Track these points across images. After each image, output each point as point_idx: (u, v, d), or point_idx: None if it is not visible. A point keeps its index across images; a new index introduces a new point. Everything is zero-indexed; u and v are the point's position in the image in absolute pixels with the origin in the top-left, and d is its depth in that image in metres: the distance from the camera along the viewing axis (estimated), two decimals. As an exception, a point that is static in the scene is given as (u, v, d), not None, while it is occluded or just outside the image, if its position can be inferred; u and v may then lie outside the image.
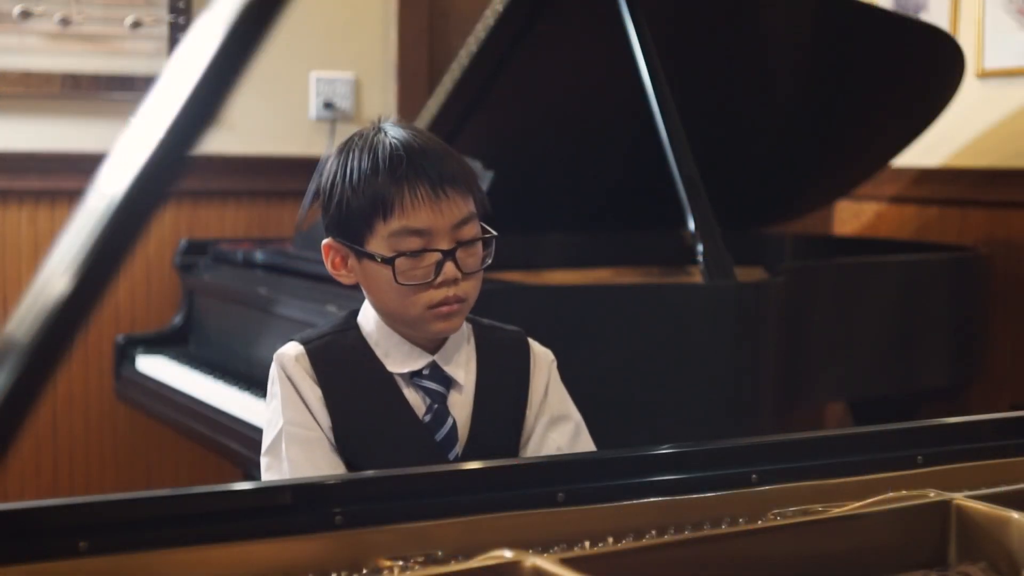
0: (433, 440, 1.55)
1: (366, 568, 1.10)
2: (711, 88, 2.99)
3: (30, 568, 0.99)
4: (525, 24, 2.73)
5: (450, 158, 1.54)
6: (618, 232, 3.20)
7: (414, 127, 1.59)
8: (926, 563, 1.25)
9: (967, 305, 3.09)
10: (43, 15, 3.44)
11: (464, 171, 1.55)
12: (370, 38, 3.84)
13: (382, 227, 1.51)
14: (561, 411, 1.65)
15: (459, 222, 1.52)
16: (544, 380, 1.64)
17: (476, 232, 1.55)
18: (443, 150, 1.55)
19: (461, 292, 1.52)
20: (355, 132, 1.60)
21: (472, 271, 1.54)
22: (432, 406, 1.56)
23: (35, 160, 3.47)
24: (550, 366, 1.66)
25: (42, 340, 0.75)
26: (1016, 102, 3.41)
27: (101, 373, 3.55)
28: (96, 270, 0.76)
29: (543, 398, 1.63)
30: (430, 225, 1.50)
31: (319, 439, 1.53)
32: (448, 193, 1.51)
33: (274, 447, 1.55)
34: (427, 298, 1.51)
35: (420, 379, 1.57)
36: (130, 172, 0.77)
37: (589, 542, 1.18)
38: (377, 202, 1.50)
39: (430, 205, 1.50)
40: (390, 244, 1.51)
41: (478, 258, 1.55)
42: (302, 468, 1.52)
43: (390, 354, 1.57)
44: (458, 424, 1.57)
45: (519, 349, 1.65)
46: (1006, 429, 1.46)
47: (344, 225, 1.55)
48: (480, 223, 1.56)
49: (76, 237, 0.76)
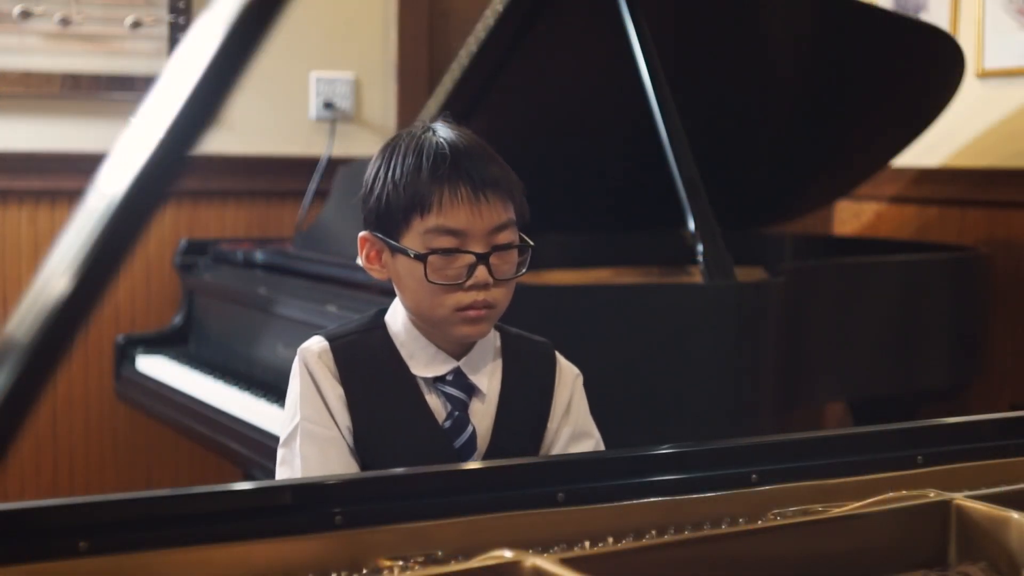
0: (452, 447, 1.54)
1: (366, 568, 1.10)
2: (711, 88, 2.98)
3: (30, 568, 0.99)
4: (525, 24, 2.73)
5: (495, 163, 1.54)
6: (618, 232, 3.20)
7: (464, 129, 1.57)
8: (926, 563, 1.25)
9: (967, 305, 3.09)
10: (43, 15, 3.44)
11: (507, 177, 1.54)
12: (370, 38, 3.84)
13: (419, 223, 1.50)
14: (584, 428, 1.64)
15: (496, 227, 1.51)
16: (567, 394, 1.63)
17: (513, 239, 1.53)
18: (489, 154, 1.54)
19: (491, 298, 1.51)
20: (404, 130, 1.59)
21: (505, 278, 1.52)
22: (453, 413, 1.55)
23: (35, 160, 3.47)
24: (575, 381, 1.65)
25: (42, 340, 0.75)
26: (1016, 102, 3.41)
27: (101, 373, 3.55)
28: (96, 270, 0.76)
29: (565, 412, 1.62)
30: (466, 226, 1.49)
31: (335, 438, 1.52)
32: (488, 197, 1.50)
33: (290, 441, 1.55)
34: (455, 300, 1.50)
35: (443, 385, 1.56)
36: (130, 172, 0.77)
37: (589, 542, 1.18)
38: (417, 198, 1.49)
39: (469, 206, 1.49)
40: (425, 241, 1.50)
41: (512, 265, 1.54)
42: (314, 466, 1.51)
43: (415, 356, 1.56)
44: (478, 433, 1.55)
45: (546, 361, 1.64)
46: (1006, 429, 1.46)
47: (382, 219, 1.54)
48: (519, 232, 1.55)
49: (76, 237, 0.76)
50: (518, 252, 1.54)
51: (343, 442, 1.53)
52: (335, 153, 3.66)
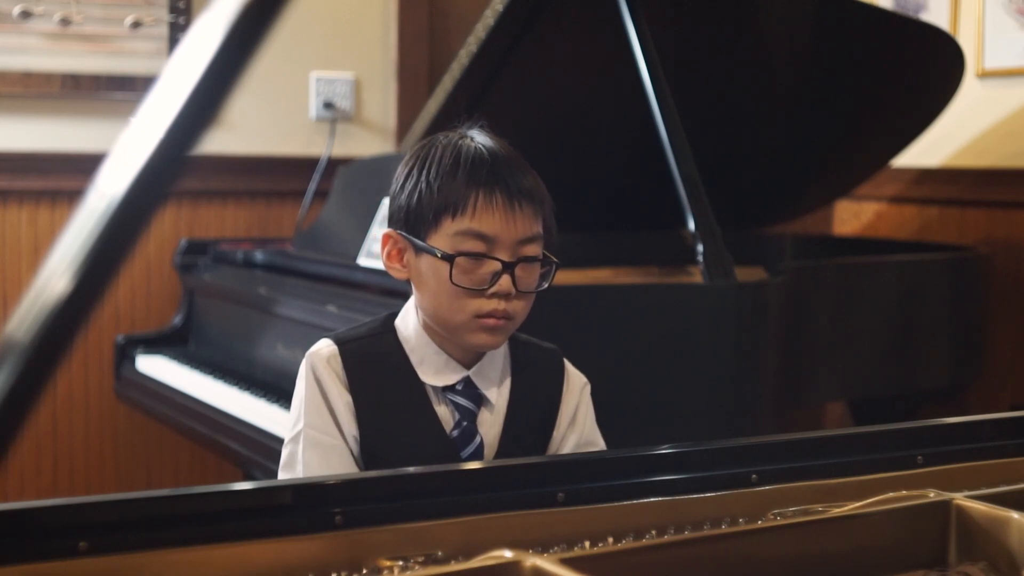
0: (458, 457, 1.53)
1: (366, 568, 1.10)
2: (711, 88, 2.99)
3: (30, 568, 0.99)
4: (525, 24, 2.73)
5: (531, 175, 1.54)
6: (618, 232, 3.20)
7: (501, 139, 1.58)
8: (926, 563, 1.25)
9: (967, 305, 3.09)
10: (43, 15, 3.44)
11: (541, 192, 1.55)
12: (370, 38, 3.84)
13: (449, 224, 1.49)
14: (590, 437, 1.64)
15: (526, 238, 1.51)
16: (574, 402, 1.63)
17: (539, 253, 1.54)
18: (525, 166, 1.55)
19: (510, 308, 1.51)
20: (439, 134, 1.59)
21: (526, 290, 1.52)
22: (460, 422, 1.55)
23: (35, 160, 3.47)
24: (583, 390, 1.65)
25: (42, 340, 0.75)
26: (1016, 102, 3.41)
27: (101, 373, 3.55)
28: (96, 270, 0.76)
29: (571, 420, 1.62)
30: (497, 233, 1.49)
31: (338, 447, 1.52)
32: (522, 206, 1.50)
33: (293, 444, 1.54)
34: (476, 306, 1.50)
35: (452, 394, 1.55)
36: (130, 172, 0.77)
37: (589, 542, 1.18)
38: (451, 199, 1.49)
39: (503, 213, 1.49)
40: (453, 243, 1.49)
41: (535, 279, 1.54)
42: (316, 473, 1.50)
43: (425, 362, 1.55)
44: (485, 443, 1.55)
45: (554, 369, 1.64)
46: (1006, 429, 1.46)
47: (411, 217, 1.53)
48: (544, 249, 1.55)
49: (76, 237, 0.76)
50: (541, 266, 1.54)
51: (347, 451, 1.52)
52: (335, 153, 3.66)
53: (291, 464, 1.54)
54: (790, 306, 2.57)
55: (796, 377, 2.63)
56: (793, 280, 2.60)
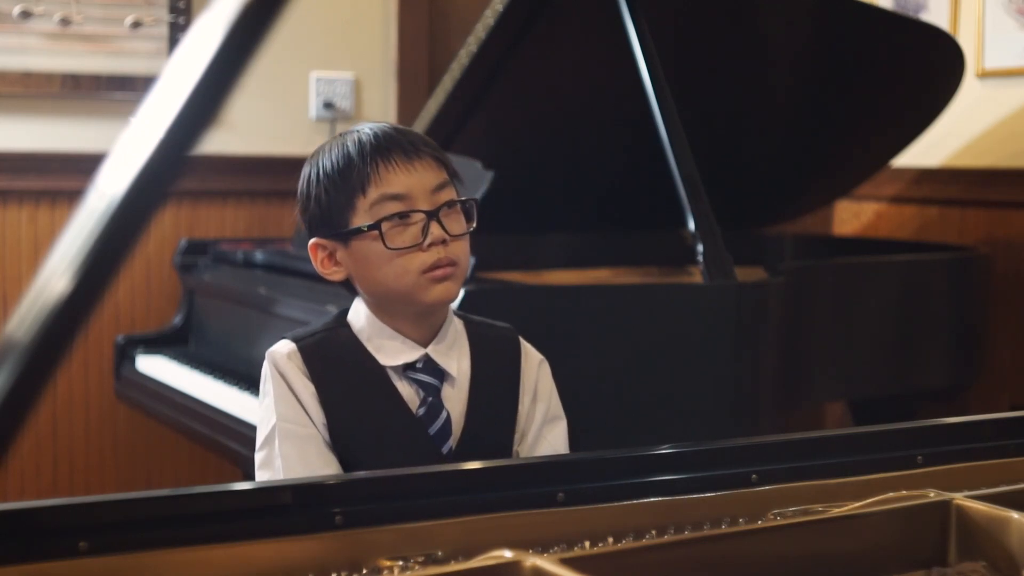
0: (426, 434, 1.56)
1: (366, 568, 1.10)
2: (711, 88, 2.99)
3: (30, 568, 0.99)
4: (525, 24, 2.73)
5: (417, 135, 1.59)
6: (618, 232, 3.20)
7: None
8: (926, 563, 1.25)
9: (967, 305, 3.09)
10: (43, 15, 3.44)
11: (433, 145, 1.59)
12: (370, 38, 3.84)
13: (362, 201, 1.53)
14: (556, 411, 1.67)
15: (436, 186, 1.55)
16: (534, 376, 1.66)
17: (455, 196, 1.57)
18: (410, 130, 1.60)
19: (452, 254, 1.54)
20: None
21: (458, 234, 1.56)
22: (426, 399, 1.57)
23: (35, 160, 3.47)
24: (540, 365, 1.67)
25: (42, 340, 0.75)
26: (1016, 102, 3.41)
27: (101, 373, 3.55)
28: (96, 270, 0.76)
29: (533, 394, 1.64)
30: (407, 188, 1.53)
31: (312, 436, 1.54)
32: (421, 158, 1.55)
33: (267, 444, 1.56)
34: (419, 262, 1.53)
35: (413, 372, 1.58)
36: (130, 172, 0.77)
37: (589, 542, 1.18)
38: (354, 181, 1.53)
39: (405, 169, 1.53)
40: (372, 215, 1.53)
41: (461, 221, 1.57)
42: (295, 465, 1.52)
43: (383, 348, 1.58)
44: (452, 418, 1.57)
45: (510, 344, 1.67)
46: (1006, 429, 1.46)
47: (326, 217, 1.57)
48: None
49: (76, 237, 0.76)
50: (465, 213, 1.58)
51: (320, 439, 1.55)
52: (335, 153, 3.65)
53: (268, 464, 1.55)
54: (790, 306, 2.57)
55: (796, 377, 2.63)
56: (793, 280, 2.60)
